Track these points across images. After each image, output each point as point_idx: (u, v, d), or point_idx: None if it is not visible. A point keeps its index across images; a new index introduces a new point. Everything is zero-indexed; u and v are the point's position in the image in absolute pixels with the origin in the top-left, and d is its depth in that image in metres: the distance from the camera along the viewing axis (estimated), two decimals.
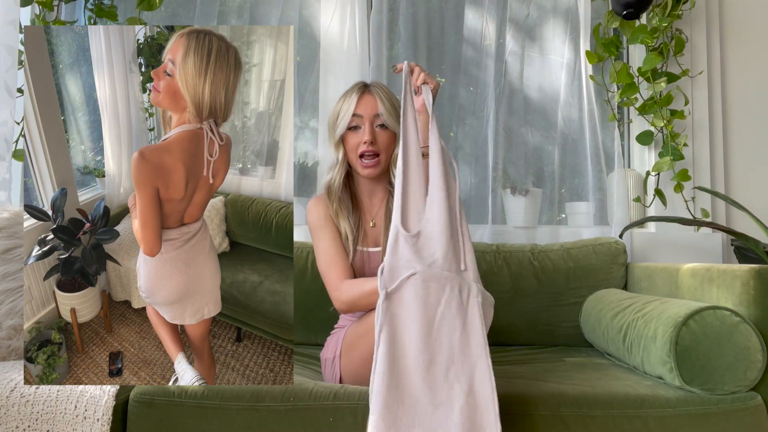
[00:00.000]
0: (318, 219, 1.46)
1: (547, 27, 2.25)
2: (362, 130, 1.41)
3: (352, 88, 1.46)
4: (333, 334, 1.51)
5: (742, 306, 1.30)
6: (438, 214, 1.12)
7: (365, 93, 1.43)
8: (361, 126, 1.41)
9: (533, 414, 1.24)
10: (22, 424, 1.21)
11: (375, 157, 1.41)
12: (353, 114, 1.41)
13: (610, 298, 1.71)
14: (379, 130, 1.42)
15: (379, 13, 2.15)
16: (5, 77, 1.98)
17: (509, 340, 1.89)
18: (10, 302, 1.63)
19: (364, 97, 1.43)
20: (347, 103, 1.43)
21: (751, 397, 1.27)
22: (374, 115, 1.41)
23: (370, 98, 1.42)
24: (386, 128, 1.42)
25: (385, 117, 1.41)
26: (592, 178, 2.14)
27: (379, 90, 1.44)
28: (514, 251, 1.94)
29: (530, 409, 1.24)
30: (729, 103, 2.19)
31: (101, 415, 1.23)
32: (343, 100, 1.44)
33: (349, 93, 1.45)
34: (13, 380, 1.28)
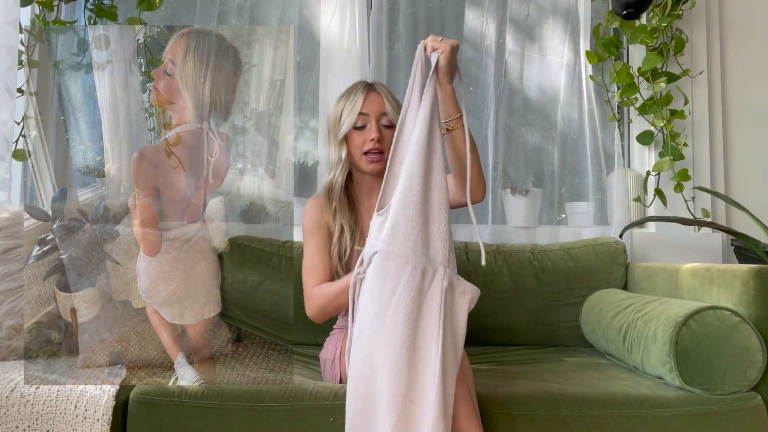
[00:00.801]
0: (310, 222, 1.47)
1: (547, 27, 2.25)
2: (368, 128, 1.41)
3: (355, 87, 1.45)
4: (332, 335, 1.51)
5: (742, 306, 1.30)
6: (404, 192, 1.07)
7: (371, 92, 1.43)
8: (367, 124, 1.41)
9: (533, 414, 1.24)
10: (22, 424, 1.21)
11: (380, 154, 1.41)
12: (360, 113, 1.41)
13: (610, 298, 1.71)
14: (384, 129, 1.42)
15: (379, 13, 2.15)
16: (5, 77, 1.98)
17: (509, 340, 1.89)
18: (10, 302, 1.63)
19: (370, 95, 1.42)
20: (351, 102, 1.42)
21: (751, 397, 1.27)
22: (381, 113, 1.42)
23: (376, 96, 1.43)
24: (391, 127, 1.42)
25: (391, 115, 1.41)
26: (592, 178, 2.14)
27: (383, 89, 1.45)
28: (514, 251, 1.94)
29: (530, 409, 1.24)
30: (729, 103, 2.19)
31: (101, 415, 1.23)
32: (347, 99, 1.44)
33: (353, 92, 1.44)
34: (13, 380, 1.28)
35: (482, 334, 1.86)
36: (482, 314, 1.87)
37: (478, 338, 1.83)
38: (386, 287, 1.04)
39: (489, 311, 1.87)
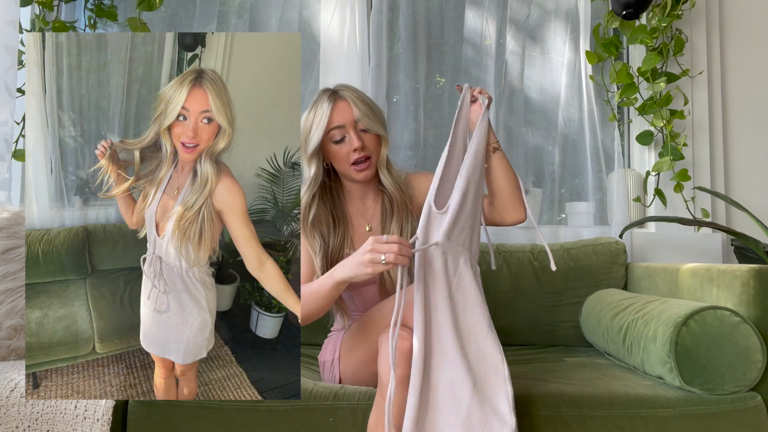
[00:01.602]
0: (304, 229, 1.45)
1: (547, 27, 2.25)
2: (347, 139, 1.37)
3: (320, 98, 1.39)
4: (330, 337, 1.51)
5: (742, 306, 1.30)
6: (461, 195, 1.20)
7: (337, 100, 1.37)
8: (345, 136, 1.37)
9: (533, 414, 1.24)
10: (22, 424, 1.21)
11: (367, 160, 1.38)
12: (334, 126, 1.36)
13: (610, 298, 1.71)
14: (363, 134, 1.38)
15: (379, 13, 2.15)
16: (5, 77, 1.98)
17: (509, 340, 1.89)
18: (10, 302, 1.63)
19: (337, 105, 1.36)
20: (319, 113, 1.36)
21: (751, 397, 1.27)
22: (354, 120, 1.37)
23: (344, 105, 1.36)
24: (367, 131, 1.38)
25: (363, 122, 1.36)
26: (592, 178, 2.14)
27: (349, 93, 1.38)
28: (514, 251, 1.94)
29: (530, 409, 1.24)
30: (729, 103, 2.19)
31: (101, 415, 1.23)
32: (314, 113, 1.38)
33: (318, 103, 1.38)
34: (13, 380, 1.28)
35: None
36: None
37: None
38: (447, 277, 1.18)
39: (489, 311, 1.87)
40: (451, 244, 1.19)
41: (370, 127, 1.37)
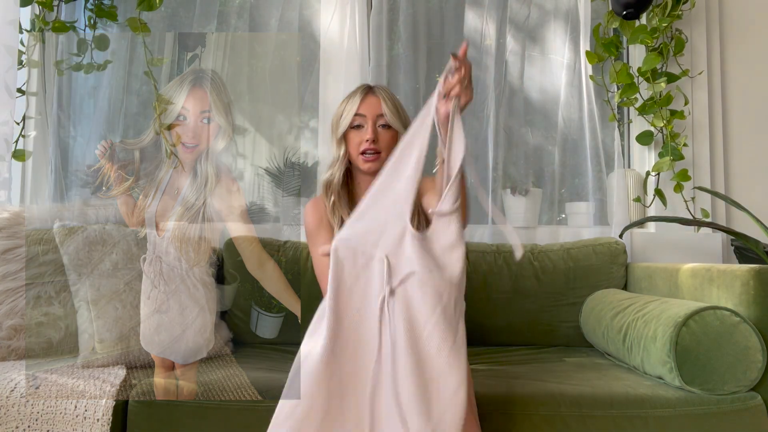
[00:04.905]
0: (311, 224, 1.48)
1: (547, 27, 2.25)
2: (365, 129, 1.45)
3: (356, 90, 1.52)
4: None
5: (742, 306, 1.30)
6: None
7: (369, 94, 1.48)
8: (364, 125, 1.46)
9: (533, 414, 1.24)
10: (22, 424, 1.21)
11: (376, 153, 1.45)
12: (356, 113, 1.45)
13: (610, 299, 1.71)
14: (382, 130, 1.46)
15: (379, 13, 2.15)
16: (5, 77, 1.98)
17: (509, 340, 1.89)
18: (10, 302, 1.63)
19: (367, 97, 1.47)
20: (351, 103, 1.48)
21: (751, 397, 1.27)
22: (377, 114, 1.46)
23: (373, 99, 1.47)
24: (389, 128, 1.46)
25: (388, 117, 1.45)
26: (592, 178, 2.14)
27: (383, 92, 1.49)
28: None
29: (530, 409, 1.24)
30: (729, 103, 2.19)
31: (101, 415, 1.23)
32: (348, 101, 1.50)
33: (353, 93, 1.50)
34: (13, 380, 1.28)
35: (482, 334, 1.86)
36: (482, 314, 1.87)
37: (478, 338, 1.83)
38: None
39: (489, 311, 1.87)
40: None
41: (393, 123, 1.46)
